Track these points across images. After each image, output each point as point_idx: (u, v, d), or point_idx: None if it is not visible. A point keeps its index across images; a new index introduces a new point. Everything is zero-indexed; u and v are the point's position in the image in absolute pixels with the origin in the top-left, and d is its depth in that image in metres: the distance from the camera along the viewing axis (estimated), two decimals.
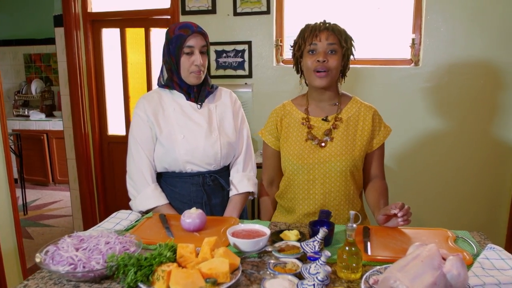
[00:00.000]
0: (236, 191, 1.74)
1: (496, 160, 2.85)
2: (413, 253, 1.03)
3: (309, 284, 0.99)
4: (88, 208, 3.52)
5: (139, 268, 1.06)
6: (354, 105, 1.67)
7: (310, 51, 1.59)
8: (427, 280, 0.93)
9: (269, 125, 1.76)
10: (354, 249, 1.11)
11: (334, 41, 1.57)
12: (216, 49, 3.18)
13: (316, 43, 1.58)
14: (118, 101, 3.51)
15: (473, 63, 2.78)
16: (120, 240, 1.22)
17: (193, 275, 1.02)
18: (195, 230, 1.42)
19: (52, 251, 1.18)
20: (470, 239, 1.35)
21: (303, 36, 1.62)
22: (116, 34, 3.40)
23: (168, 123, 1.68)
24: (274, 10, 3.06)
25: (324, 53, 1.57)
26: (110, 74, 3.49)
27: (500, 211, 2.88)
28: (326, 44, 1.57)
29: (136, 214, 1.60)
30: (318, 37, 1.57)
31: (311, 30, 1.60)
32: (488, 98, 2.80)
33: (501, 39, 2.70)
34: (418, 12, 2.88)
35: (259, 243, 1.26)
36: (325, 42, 1.57)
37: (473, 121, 2.84)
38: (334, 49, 1.57)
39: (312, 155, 1.60)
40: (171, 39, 1.65)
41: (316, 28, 1.59)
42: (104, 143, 3.58)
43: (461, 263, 0.97)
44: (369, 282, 1.06)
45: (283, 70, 3.12)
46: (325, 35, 1.57)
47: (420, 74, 2.88)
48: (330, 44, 1.57)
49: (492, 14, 2.69)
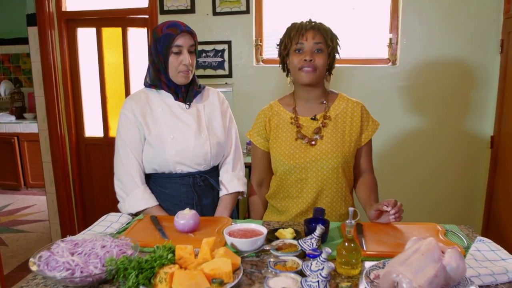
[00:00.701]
0: (226, 191, 1.73)
1: (471, 156, 2.95)
2: (412, 247, 1.05)
3: (313, 281, 1.00)
4: (66, 212, 3.42)
5: (140, 271, 1.04)
6: (341, 101, 1.70)
7: (297, 50, 1.60)
8: (429, 273, 0.96)
9: (257, 126, 1.76)
10: (353, 245, 1.13)
11: (320, 40, 1.59)
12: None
13: (302, 42, 1.59)
14: (95, 102, 3.43)
15: (448, 62, 2.87)
16: (117, 243, 1.20)
17: (197, 276, 1.01)
18: (190, 231, 1.41)
19: (45, 256, 1.15)
20: (459, 233, 1.39)
21: (289, 35, 1.62)
22: (92, 34, 3.31)
23: (157, 123, 1.65)
24: (254, 9, 3.07)
25: (311, 52, 1.58)
26: (87, 74, 3.40)
27: (476, 205, 2.99)
28: (313, 43, 1.58)
29: (127, 216, 1.57)
30: (304, 36, 1.58)
31: (297, 29, 1.60)
32: (463, 97, 2.89)
33: (474, 38, 2.81)
34: (394, 12, 2.95)
35: (256, 242, 1.26)
36: (311, 41, 1.58)
37: (449, 119, 2.93)
38: (320, 48, 1.59)
39: (303, 154, 1.62)
40: (158, 38, 1.63)
41: (302, 27, 1.60)
42: (81, 145, 3.49)
43: (459, 255, 1.00)
44: (370, 277, 1.08)
45: (263, 70, 3.13)
46: (311, 34, 1.58)
47: (397, 73, 2.95)
48: (316, 43, 1.58)
49: (465, 15, 2.79)
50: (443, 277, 0.98)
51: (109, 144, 3.47)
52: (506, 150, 2.67)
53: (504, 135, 2.71)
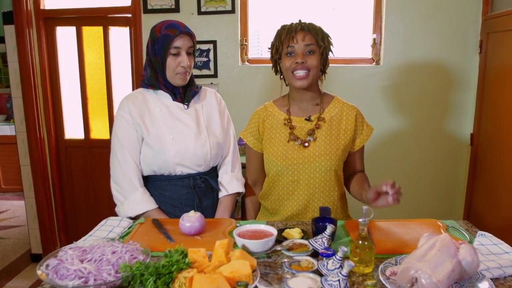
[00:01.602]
0: (226, 192, 1.72)
1: (452, 153, 3.05)
2: (427, 243, 1.08)
3: (334, 280, 1.01)
4: (46, 217, 3.30)
5: (158, 277, 1.02)
6: (336, 104, 1.70)
7: (288, 53, 1.59)
8: (447, 268, 0.99)
9: (250, 127, 1.75)
10: (367, 243, 1.15)
11: (311, 41, 1.58)
12: None
13: (293, 45, 1.57)
14: (75, 104, 3.32)
15: (429, 62, 2.95)
16: (127, 248, 1.17)
17: (218, 280, 1.00)
18: (196, 233, 1.39)
19: (53, 264, 1.11)
20: (459, 228, 1.44)
21: (280, 38, 1.61)
22: (72, 33, 3.21)
23: (155, 124, 1.62)
24: (239, 9, 3.06)
25: (302, 54, 1.57)
26: (66, 75, 3.29)
27: (457, 201, 3.09)
28: (303, 45, 1.57)
29: (128, 220, 1.54)
30: (294, 39, 1.57)
31: (287, 32, 1.59)
32: (444, 96, 2.99)
33: (454, 39, 2.90)
34: (378, 13, 3.01)
35: (268, 243, 1.26)
36: (302, 43, 1.57)
37: (430, 118, 3.01)
38: (312, 50, 1.58)
39: (296, 156, 1.62)
40: (157, 38, 1.60)
41: (292, 30, 1.59)
42: (61, 147, 3.37)
43: (474, 250, 1.04)
44: (386, 274, 1.10)
45: (249, 70, 3.13)
46: (301, 36, 1.57)
47: (381, 73, 3.01)
48: (307, 45, 1.57)
49: (445, 16, 2.88)
50: (458, 272, 1.01)
51: (91, 146, 3.38)
52: (485, 147, 2.78)
53: (483, 132, 2.82)
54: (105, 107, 3.33)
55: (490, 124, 2.73)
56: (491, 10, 2.78)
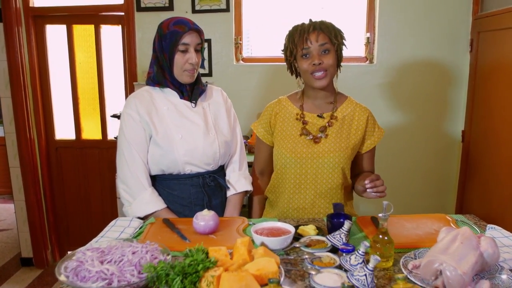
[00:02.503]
0: (234, 190, 1.72)
1: (444, 150, 3.12)
2: (447, 236, 1.10)
3: (360, 275, 1.02)
4: (36, 219, 3.23)
5: (185, 276, 1.01)
6: (349, 105, 1.72)
7: (303, 55, 1.60)
8: (471, 260, 1.01)
9: (263, 119, 1.77)
10: (387, 238, 1.16)
11: (325, 40, 1.58)
12: None
13: (307, 47, 1.58)
14: (66, 103, 3.26)
15: (422, 60, 3.00)
16: (147, 248, 1.16)
17: (246, 278, 1.00)
18: (210, 232, 1.39)
19: (73, 266, 1.09)
20: (468, 222, 1.47)
21: (293, 40, 1.61)
22: (62, 31, 3.14)
23: (163, 123, 1.60)
24: (233, 7, 3.05)
25: (318, 55, 1.58)
26: (57, 74, 3.22)
27: (449, 197, 3.16)
28: (318, 46, 1.58)
29: (138, 220, 1.52)
30: (308, 41, 1.57)
31: (300, 34, 1.59)
32: (436, 93, 3.04)
33: (445, 38, 2.96)
34: (371, 12, 3.05)
35: (287, 240, 1.26)
36: (316, 44, 1.57)
37: (423, 115, 3.07)
38: (326, 48, 1.59)
39: (305, 150, 1.63)
40: (164, 34, 1.58)
41: (304, 31, 1.59)
42: (51, 148, 3.30)
43: (494, 242, 1.06)
44: (408, 267, 1.12)
45: (243, 68, 3.12)
46: (315, 37, 1.58)
47: (375, 71, 3.05)
48: (322, 44, 1.58)
49: (437, 15, 2.93)
50: (480, 263, 1.04)
51: (82, 146, 3.32)
52: (477, 144, 2.84)
53: (474, 129, 2.88)
54: (97, 107, 3.27)
55: (481, 121, 2.79)
56: (481, 9, 2.85)
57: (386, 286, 1.07)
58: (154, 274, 1.03)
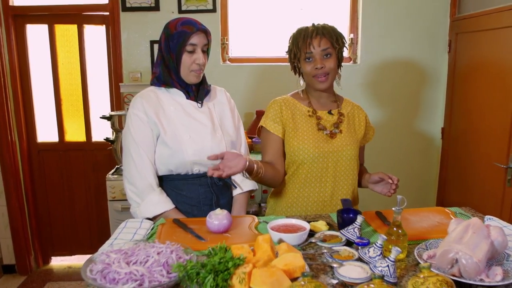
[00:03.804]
0: (240, 190, 1.74)
1: (424, 148, 3.26)
2: (458, 227, 1.17)
3: (383, 266, 1.07)
4: (19, 225, 3.13)
5: (216, 274, 1.03)
6: (348, 104, 1.81)
7: (307, 58, 1.66)
8: (484, 248, 1.08)
9: (271, 113, 1.73)
10: (401, 231, 1.22)
11: (327, 45, 1.64)
12: None
13: (310, 51, 1.64)
14: (48, 105, 3.18)
15: (403, 61, 3.12)
16: (171, 248, 1.17)
17: (276, 273, 1.03)
18: (224, 231, 1.41)
19: (99, 269, 1.08)
20: (466, 214, 1.56)
21: (297, 44, 1.67)
22: (44, 31, 3.06)
23: (171, 123, 1.61)
24: (219, 8, 3.06)
25: (320, 59, 1.64)
26: (38, 75, 3.14)
27: (430, 192, 3.30)
28: (320, 50, 1.64)
29: (148, 221, 1.52)
30: (311, 46, 1.63)
31: (304, 38, 1.65)
32: (416, 92, 3.18)
33: (425, 39, 3.09)
34: (354, 13, 3.14)
35: (303, 236, 1.30)
36: (318, 48, 1.63)
37: (404, 114, 3.19)
38: (328, 53, 1.65)
39: (325, 145, 1.68)
40: (171, 35, 1.59)
41: (307, 35, 1.65)
42: (33, 151, 3.21)
43: (503, 231, 1.14)
44: (423, 257, 1.18)
45: (230, 69, 3.14)
46: (317, 42, 1.63)
47: (358, 71, 3.14)
48: (324, 49, 1.64)
49: (417, 17, 3.06)
50: (491, 251, 1.11)
51: (66, 149, 3.25)
52: (456, 140, 2.99)
53: (454, 127, 3.03)
54: (81, 108, 3.21)
55: (460, 119, 2.94)
56: (459, 12, 2.99)
57: (405, 276, 1.13)
58: (185, 273, 1.04)
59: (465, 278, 1.05)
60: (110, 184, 2.63)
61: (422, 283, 0.95)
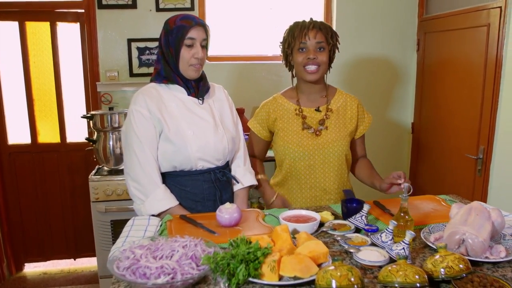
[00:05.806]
0: (241, 185, 1.78)
1: (396, 142, 3.43)
2: (461, 211, 1.27)
3: (399, 248, 1.15)
4: None
5: (247, 264, 1.07)
6: (340, 96, 1.87)
7: (300, 48, 1.73)
8: (487, 229, 1.18)
9: (259, 116, 1.86)
10: (408, 217, 1.31)
11: (322, 39, 1.73)
12: (138, 45, 3.04)
13: (305, 41, 1.72)
14: (19, 105, 3.05)
15: (375, 59, 3.27)
16: (194, 242, 1.19)
17: (304, 260, 1.08)
18: (235, 224, 1.44)
19: (126, 265, 1.09)
20: (455, 200, 1.68)
21: (293, 34, 1.74)
22: (14, 28, 2.94)
23: (174, 119, 1.61)
24: (197, 6, 3.07)
25: (314, 51, 1.72)
26: (8, 74, 3.00)
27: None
28: (315, 43, 1.72)
29: (156, 218, 1.52)
30: (307, 36, 1.72)
31: (301, 29, 1.73)
32: (387, 89, 3.34)
33: (395, 38, 3.25)
34: (328, 13, 3.24)
35: (315, 226, 1.36)
36: (313, 40, 1.72)
37: (377, 110, 3.32)
38: (322, 47, 1.74)
39: (310, 143, 1.76)
40: (171, 29, 1.60)
41: (305, 27, 1.73)
42: (4, 154, 3.07)
43: (501, 213, 1.25)
44: (430, 240, 1.27)
45: (209, 67, 3.11)
46: (313, 34, 1.72)
47: (333, 69, 3.23)
48: (319, 42, 1.72)
49: (388, 17, 3.21)
50: (492, 231, 1.22)
51: (39, 151, 3.14)
52: (426, 134, 3.17)
53: (423, 121, 3.20)
54: (54, 108, 3.11)
55: (429, 114, 3.12)
56: (426, 12, 3.17)
57: (416, 257, 1.21)
58: (215, 265, 1.07)
59: (471, 257, 1.15)
60: (93, 185, 2.57)
61: (441, 261, 1.04)
